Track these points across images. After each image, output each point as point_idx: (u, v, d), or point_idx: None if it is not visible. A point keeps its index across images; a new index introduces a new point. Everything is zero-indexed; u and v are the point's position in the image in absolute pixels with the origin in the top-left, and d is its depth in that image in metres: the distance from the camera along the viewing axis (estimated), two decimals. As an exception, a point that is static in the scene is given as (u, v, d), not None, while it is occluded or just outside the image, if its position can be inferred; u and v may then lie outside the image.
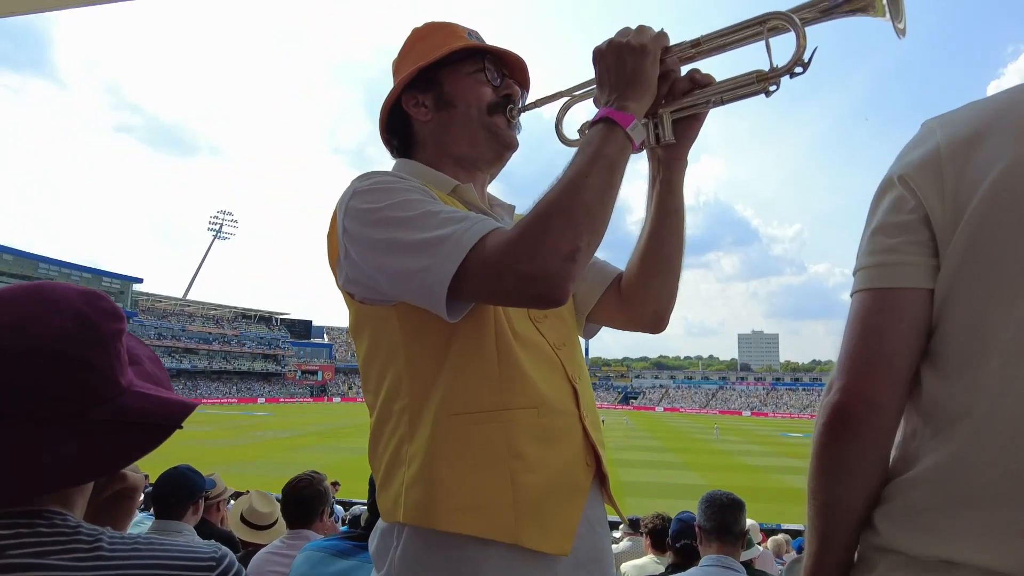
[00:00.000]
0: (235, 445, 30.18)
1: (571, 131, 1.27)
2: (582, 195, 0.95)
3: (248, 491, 3.53)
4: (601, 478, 1.15)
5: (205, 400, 74.41)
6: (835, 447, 0.84)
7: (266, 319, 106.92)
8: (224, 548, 0.82)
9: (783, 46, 0.98)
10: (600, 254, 1.34)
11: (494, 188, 1.36)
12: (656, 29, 1.10)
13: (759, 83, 1.03)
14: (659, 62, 1.08)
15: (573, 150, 1.08)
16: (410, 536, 1.02)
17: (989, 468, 0.74)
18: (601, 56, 1.09)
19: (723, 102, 1.10)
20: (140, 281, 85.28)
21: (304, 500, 2.53)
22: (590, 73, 1.13)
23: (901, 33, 0.95)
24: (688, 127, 1.18)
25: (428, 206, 1.02)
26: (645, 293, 1.26)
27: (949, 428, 0.79)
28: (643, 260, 1.25)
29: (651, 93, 1.08)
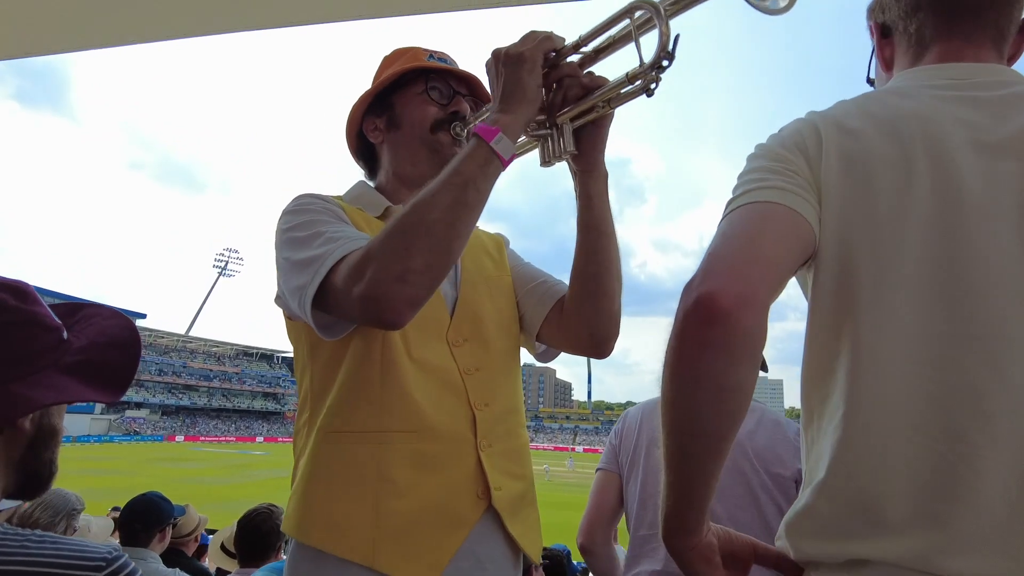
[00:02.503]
0: (230, 484, 29.71)
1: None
2: (424, 214, 0.93)
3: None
4: (508, 512, 1.09)
5: (203, 438, 73.53)
6: (702, 355, 0.71)
7: (267, 357, 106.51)
8: (122, 552, 0.81)
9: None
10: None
11: (505, 226, 1.32)
12: (548, 33, 1.04)
13: (631, 81, 0.96)
14: (539, 69, 1.03)
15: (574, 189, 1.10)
16: (295, 546, 1.06)
17: (873, 458, 0.73)
18: (489, 68, 1.06)
19: (611, 105, 1.03)
20: (143, 317, 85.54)
21: (262, 535, 2.41)
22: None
23: (772, 11, 0.85)
24: (591, 135, 1.11)
25: (319, 227, 1.04)
26: (579, 315, 1.19)
27: (832, 420, 0.77)
28: (573, 280, 1.19)
29: (528, 102, 1.02)
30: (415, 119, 1.23)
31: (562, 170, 1.19)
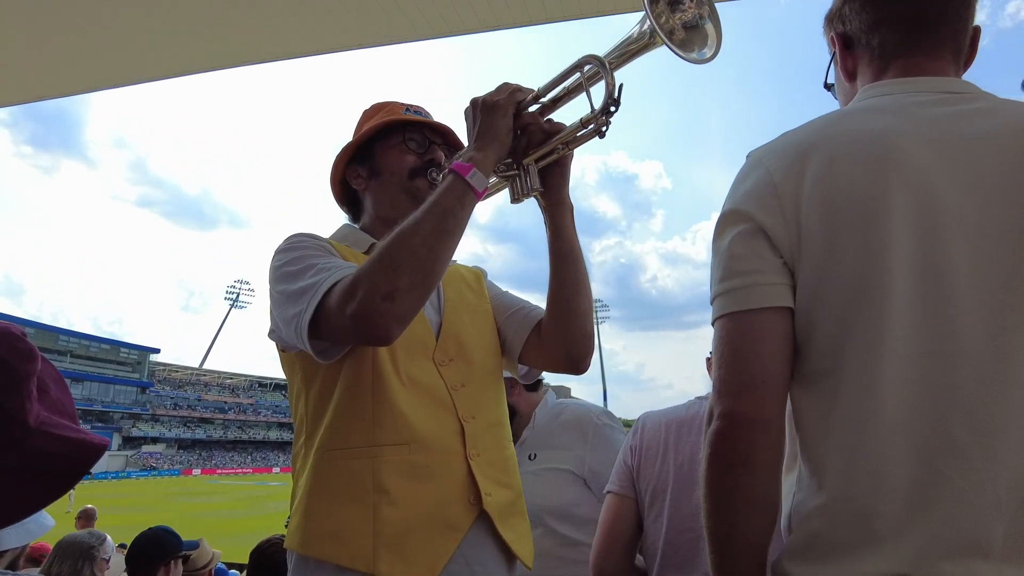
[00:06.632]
0: (247, 516, 29.64)
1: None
2: (409, 239, 1.03)
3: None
4: (499, 517, 1.16)
5: (220, 471, 73.60)
6: (729, 475, 0.81)
7: (282, 387, 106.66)
8: None
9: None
10: (615, 311, 1.37)
11: (509, 255, 1.37)
12: (519, 86, 1.18)
13: (585, 126, 1.09)
14: (511, 116, 1.15)
15: (582, 214, 1.11)
16: (296, 561, 1.13)
17: (872, 478, 0.74)
18: (467, 114, 1.20)
19: (568, 148, 1.17)
20: (157, 351, 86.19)
21: (276, 565, 2.42)
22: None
23: (697, 60, 0.97)
24: (554, 174, 1.24)
25: (311, 260, 1.14)
26: (555, 335, 1.30)
27: (829, 445, 0.79)
28: (549, 303, 1.31)
29: (499, 143, 1.15)
30: (394, 167, 1.35)
31: (572, 194, 1.31)
